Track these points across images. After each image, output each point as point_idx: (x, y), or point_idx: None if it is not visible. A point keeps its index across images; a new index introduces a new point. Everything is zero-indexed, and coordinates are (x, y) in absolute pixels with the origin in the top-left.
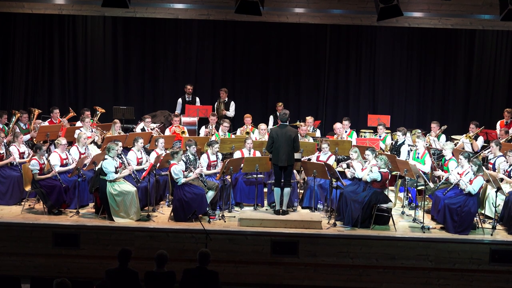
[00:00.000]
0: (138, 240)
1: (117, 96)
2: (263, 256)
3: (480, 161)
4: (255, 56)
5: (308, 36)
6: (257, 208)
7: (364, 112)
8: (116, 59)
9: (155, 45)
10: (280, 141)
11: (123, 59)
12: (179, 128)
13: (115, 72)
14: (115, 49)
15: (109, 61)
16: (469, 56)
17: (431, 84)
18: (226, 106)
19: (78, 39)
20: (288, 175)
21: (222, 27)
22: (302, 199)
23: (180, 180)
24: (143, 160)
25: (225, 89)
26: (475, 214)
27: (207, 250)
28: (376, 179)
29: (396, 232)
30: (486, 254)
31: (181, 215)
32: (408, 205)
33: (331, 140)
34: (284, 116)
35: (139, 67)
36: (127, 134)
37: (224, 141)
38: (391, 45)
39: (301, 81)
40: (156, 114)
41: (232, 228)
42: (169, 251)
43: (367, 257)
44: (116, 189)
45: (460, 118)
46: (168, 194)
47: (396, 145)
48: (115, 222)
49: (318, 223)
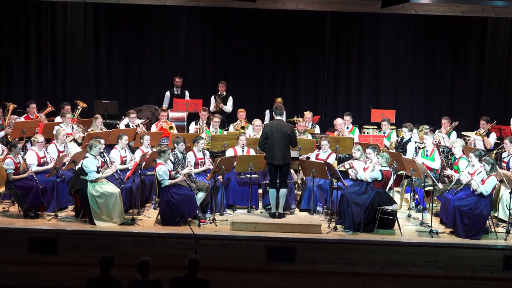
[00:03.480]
0: (121, 246)
1: (99, 90)
2: (257, 263)
3: (493, 160)
4: (249, 46)
5: (306, 24)
6: (251, 211)
7: (367, 106)
8: (98, 49)
9: (140, 34)
10: (275, 137)
11: (106, 49)
12: (166, 123)
13: (97, 63)
14: (97, 39)
15: (90, 52)
16: (481, 46)
17: (439, 77)
18: (224, 100)
19: (57, 27)
20: (284, 175)
21: (213, 14)
22: (300, 201)
23: (164, 182)
24: (127, 159)
25: (224, 82)
26: (487, 217)
27: (196, 257)
28: (376, 178)
29: (401, 237)
30: (500, 261)
31: (169, 219)
32: (415, 207)
33: (332, 137)
34: (279, 109)
35: (123, 58)
36: (110, 131)
37: (216, 138)
38: (396, 34)
39: (299, 73)
40: (142, 109)
41: (224, 233)
42: (156, 257)
43: (371, 264)
44: (98, 190)
45: (471, 113)
46: (155, 196)
47: (401, 142)
48: (96, 226)
49: (317, 227)
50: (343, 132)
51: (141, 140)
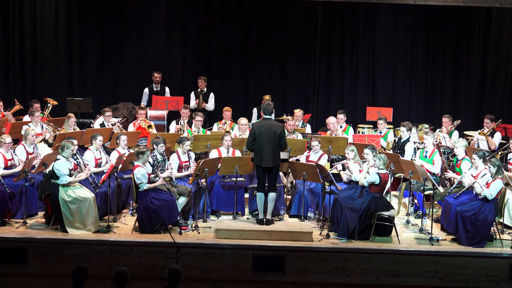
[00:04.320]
0: (96, 255)
1: (71, 86)
2: (244, 273)
3: (499, 161)
4: (234, 38)
5: (296, 15)
6: (236, 217)
7: (362, 104)
8: (70, 42)
9: (115, 26)
10: (263, 138)
11: (78, 43)
12: (145, 122)
13: (69, 57)
14: (69, 31)
15: (62, 45)
16: (484, 38)
17: (440, 71)
18: (205, 97)
19: (25, 19)
20: (273, 178)
21: (194, 3)
22: (289, 206)
23: (142, 186)
24: (102, 161)
25: (204, 78)
26: (492, 223)
27: (178, 267)
28: (374, 182)
29: (399, 245)
30: (505, 270)
31: (147, 226)
32: (413, 212)
33: (324, 137)
34: (267, 107)
35: (97, 51)
36: (84, 131)
37: (198, 138)
38: (394, 26)
39: (288, 67)
40: (118, 106)
41: (207, 241)
42: (133, 268)
43: (366, 274)
44: (71, 195)
45: (474, 111)
46: (132, 201)
47: (399, 142)
48: (69, 234)
49: (309, 234)
50: (336, 132)
51: (117, 140)
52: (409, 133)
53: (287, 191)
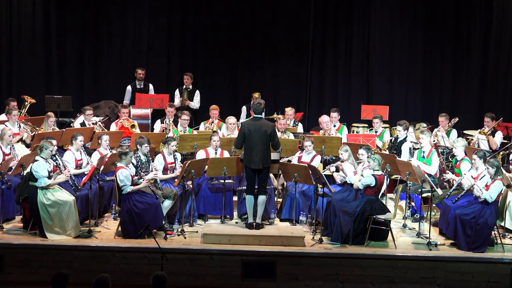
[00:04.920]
0: (77, 261)
1: (50, 83)
2: (232, 280)
3: (498, 162)
4: (222, 33)
5: (288, 9)
6: (225, 221)
7: (357, 102)
8: (49, 37)
9: (97, 20)
10: (254, 138)
11: (57, 38)
12: (128, 121)
13: (48, 53)
14: (48, 26)
15: (40, 40)
16: (485, 31)
17: (439, 68)
18: (190, 95)
19: (1, 13)
20: (263, 180)
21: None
22: (280, 209)
23: (126, 188)
24: (83, 162)
25: (190, 74)
26: (492, 227)
27: (163, 274)
28: (369, 185)
29: (396, 250)
30: (507, 276)
31: (131, 230)
32: (411, 216)
33: (316, 136)
34: (258, 106)
35: (78, 47)
36: (63, 130)
37: (184, 138)
38: (390, 18)
39: (279, 64)
40: (100, 105)
41: (194, 246)
42: (116, 274)
43: (361, 281)
44: (50, 198)
45: (474, 109)
46: (115, 205)
47: (396, 142)
48: (48, 239)
49: (300, 239)
50: (329, 131)
51: (99, 140)
52: (406, 132)
53: (278, 193)
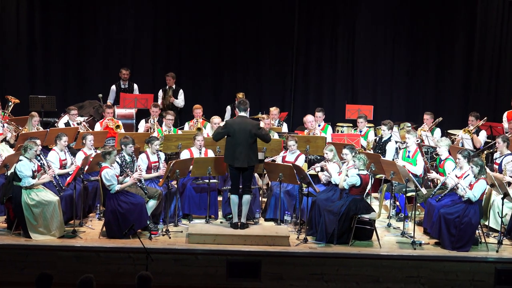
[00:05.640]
0: (61, 262)
1: (34, 83)
2: (217, 280)
3: (482, 161)
4: (206, 32)
5: (272, 8)
6: (209, 220)
7: (341, 101)
8: (32, 37)
9: (81, 19)
10: (238, 136)
11: (41, 37)
12: (112, 121)
13: (32, 53)
14: (32, 25)
15: (23, 40)
16: (469, 31)
17: (423, 67)
18: (174, 94)
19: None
20: (248, 180)
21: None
22: (265, 209)
23: (113, 188)
24: (67, 162)
25: (172, 74)
26: (477, 226)
27: (148, 274)
28: (354, 184)
29: (380, 249)
30: (491, 275)
31: (116, 231)
32: (395, 215)
33: (301, 136)
34: (242, 105)
35: (62, 47)
36: (48, 130)
37: (169, 138)
38: (374, 18)
39: (264, 63)
40: (84, 105)
41: (178, 246)
42: (100, 275)
43: (346, 280)
44: (34, 199)
45: (458, 109)
46: (99, 205)
47: (380, 142)
48: (32, 239)
49: (285, 238)
50: (314, 131)
51: (83, 140)
52: (391, 132)
53: (262, 193)
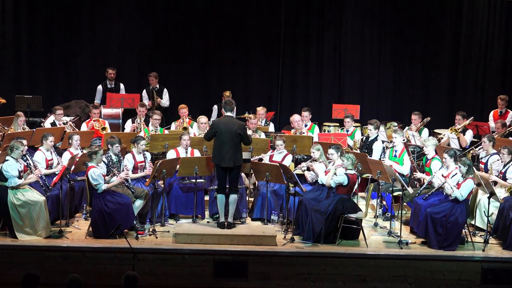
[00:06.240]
0: (47, 262)
1: (20, 83)
2: (204, 279)
3: (470, 161)
4: (192, 31)
5: (259, 7)
6: (196, 220)
7: (328, 101)
8: (18, 36)
9: (67, 18)
10: (224, 136)
11: (27, 36)
12: (99, 123)
13: (18, 53)
14: (17, 24)
15: (9, 39)
16: (455, 30)
17: (409, 68)
18: (158, 94)
19: None
20: (234, 179)
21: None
22: (252, 209)
23: (100, 187)
24: (53, 162)
25: (155, 74)
26: (463, 225)
27: (134, 274)
28: (342, 183)
29: (367, 249)
30: (477, 274)
31: (102, 230)
32: (382, 215)
33: (288, 135)
34: (228, 104)
35: (48, 46)
36: (34, 130)
37: (155, 137)
38: (361, 18)
39: (250, 62)
40: (70, 104)
41: (165, 246)
42: (87, 274)
43: (332, 280)
44: (20, 199)
45: (445, 108)
46: (86, 205)
47: (367, 141)
48: (18, 239)
49: (272, 238)
50: (300, 130)
51: (69, 140)
52: (377, 131)
53: (249, 193)
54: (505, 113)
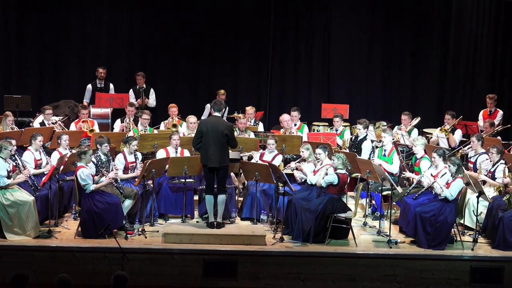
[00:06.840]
0: (36, 262)
1: (8, 82)
2: (193, 279)
3: (459, 160)
4: (182, 30)
5: (248, 7)
6: (185, 220)
7: (317, 100)
8: (7, 34)
9: (56, 18)
10: (210, 136)
11: (16, 35)
12: (87, 124)
13: (6, 51)
14: (6, 23)
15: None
16: (444, 30)
17: (398, 67)
18: (145, 94)
19: None
20: (222, 179)
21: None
22: (241, 208)
23: (89, 187)
24: (42, 162)
25: (142, 74)
26: (452, 225)
27: (124, 274)
28: (332, 183)
29: (356, 248)
30: (466, 273)
31: (91, 230)
32: (371, 214)
33: (277, 135)
34: (216, 104)
35: (37, 45)
36: (23, 130)
37: (145, 137)
38: (350, 17)
39: (239, 62)
40: (59, 104)
41: (155, 246)
42: (76, 274)
43: (322, 279)
44: (9, 199)
45: (434, 108)
46: (75, 205)
47: (356, 140)
48: (7, 240)
49: (261, 238)
50: (290, 130)
51: (58, 140)
52: (366, 131)
53: (238, 192)
54: (495, 112)
